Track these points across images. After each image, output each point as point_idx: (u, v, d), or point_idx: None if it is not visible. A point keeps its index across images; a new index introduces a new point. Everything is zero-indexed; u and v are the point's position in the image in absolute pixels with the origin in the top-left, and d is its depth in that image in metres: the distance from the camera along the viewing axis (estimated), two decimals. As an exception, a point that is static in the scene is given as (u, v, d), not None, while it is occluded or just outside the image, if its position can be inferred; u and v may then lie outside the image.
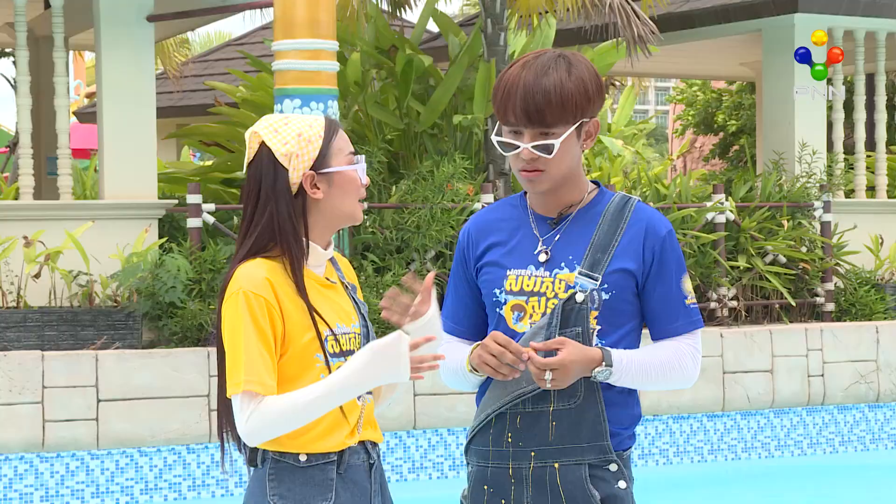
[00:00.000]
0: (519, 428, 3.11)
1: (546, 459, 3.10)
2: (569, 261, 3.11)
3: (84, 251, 8.91)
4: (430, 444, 8.99)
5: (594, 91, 3.08)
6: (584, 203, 3.17)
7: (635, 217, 3.13)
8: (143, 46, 9.70)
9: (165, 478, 8.35)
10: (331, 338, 3.04)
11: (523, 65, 3.08)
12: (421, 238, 9.55)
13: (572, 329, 3.06)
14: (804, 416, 10.10)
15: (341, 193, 3.06)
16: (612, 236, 3.11)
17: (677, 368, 3.13)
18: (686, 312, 3.15)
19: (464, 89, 11.04)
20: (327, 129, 3.06)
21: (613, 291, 3.09)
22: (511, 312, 3.13)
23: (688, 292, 3.16)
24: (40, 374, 8.16)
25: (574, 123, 3.06)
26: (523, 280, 3.13)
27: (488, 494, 3.16)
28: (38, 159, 11.61)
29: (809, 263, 11.04)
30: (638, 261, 3.11)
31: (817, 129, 12.05)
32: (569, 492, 3.08)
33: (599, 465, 3.10)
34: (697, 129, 21.69)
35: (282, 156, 3.01)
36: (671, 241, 3.15)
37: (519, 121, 3.07)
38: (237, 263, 3.03)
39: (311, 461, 3.02)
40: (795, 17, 11.84)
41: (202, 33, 29.27)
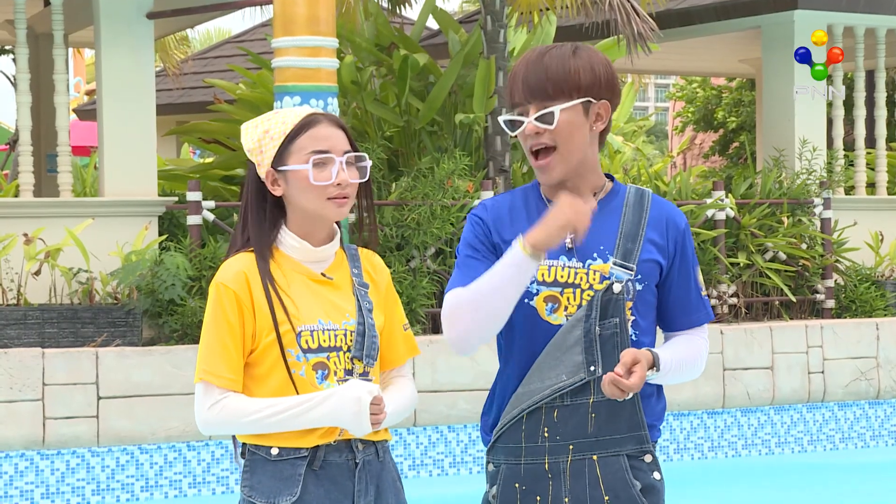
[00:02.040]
0: (556, 422, 3.08)
1: (584, 452, 3.08)
2: (601, 251, 3.09)
3: (84, 248, 8.91)
4: (430, 441, 9.00)
5: (603, 73, 3.06)
6: (604, 193, 3.15)
7: (655, 209, 3.15)
8: (143, 43, 9.70)
9: (166, 475, 8.35)
10: (305, 333, 3.05)
11: (530, 52, 3.12)
12: (421, 235, 9.55)
13: (610, 320, 3.06)
14: (804, 412, 10.10)
15: (298, 191, 3.09)
16: (638, 226, 3.11)
17: (696, 363, 3.19)
18: (703, 305, 3.21)
19: (464, 86, 11.04)
20: (297, 127, 3.09)
21: (646, 282, 3.11)
22: (544, 304, 3.08)
23: (702, 284, 3.21)
24: (41, 371, 8.16)
25: (577, 98, 3.04)
26: (556, 271, 3.08)
27: (521, 493, 3.10)
28: (38, 156, 11.60)
29: (809, 260, 11.05)
30: (664, 253, 3.13)
31: (817, 125, 12.05)
32: (609, 483, 3.06)
33: (636, 457, 3.10)
34: (697, 126, 21.68)
35: (249, 152, 3.12)
36: (688, 234, 3.20)
37: (521, 96, 3.06)
38: (226, 256, 3.14)
39: (283, 455, 3.05)
40: (795, 13, 11.84)
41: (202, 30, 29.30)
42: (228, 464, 8.46)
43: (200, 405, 3.04)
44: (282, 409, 3.01)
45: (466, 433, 9.10)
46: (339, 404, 3.00)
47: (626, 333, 3.06)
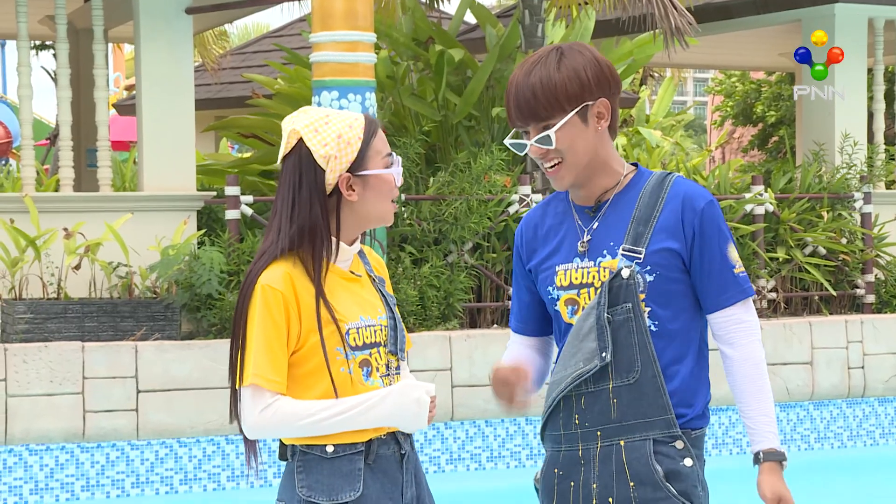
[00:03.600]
0: (584, 409, 3.14)
1: (612, 438, 3.12)
2: (610, 247, 3.13)
3: (123, 243, 8.95)
4: (467, 435, 9.00)
5: (591, 75, 3.11)
6: (621, 186, 3.19)
7: (673, 192, 3.14)
8: (182, 39, 9.73)
9: (204, 468, 8.39)
10: (353, 331, 3.05)
11: (520, 66, 3.17)
12: (458, 230, 9.55)
13: (622, 306, 3.10)
14: (844, 408, 10.04)
15: (375, 195, 3.08)
16: (652, 209, 3.13)
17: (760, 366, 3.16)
18: (735, 282, 3.15)
19: (501, 81, 11.02)
20: (366, 131, 3.08)
21: (658, 272, 3.11)
22: (565, 307, 3.18)
23: (735, 261, 3.15)
24: (80, 364, 8.21)
25: (570, 111, 3.09)
26: (571, 273, 3.16)
27: (558, 477, 3.19)
28: (77, 151, 11.67)
29: (849, 255, 10.97)
30: (679, 238, 3.12)
31: (858, 119, 11.96)
32: (633, 467, 3.09)
33: (664, 441, 3.10)
34: (736, 121, 21.58)
35: (320, 157, 3.03)
36: (711, 212, 3.14)
37: (516, 120, 3.15)
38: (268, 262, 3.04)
39: (339, 452, 3.04)
40: (836, 6, 11.76)
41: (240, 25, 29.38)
42: (267, 457, 8.48)
43: (250, 409, 3.01)
44: (338, 412, 3.00)
45: (504, 427, 9.09)
46: (400, 405, 3.03)
47: (640, 319, 3.09)
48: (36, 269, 9.01)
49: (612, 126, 3.17)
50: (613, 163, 3.18)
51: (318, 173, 3.03)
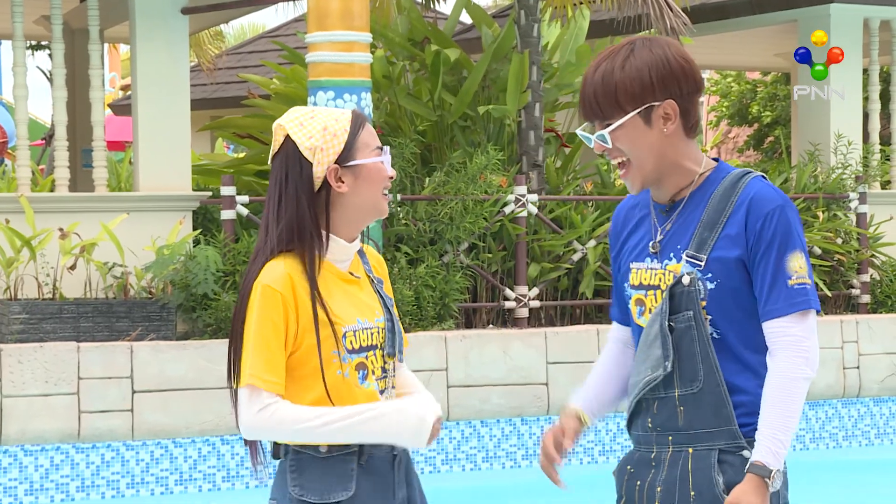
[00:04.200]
0: (656, 413, 3.13)
1: (682, 445, 3.10)
2: (677, 251, 3.09)
3: (119, 243, 8.95)
4: (463, 435, 9.00)
5: (656, 76, 3.03)
6: (695, 186, 3.12)
7: (743, 194, 3.05)
8: (178, 39, 9.73)
9: (200, 469, 8.39)
10: (349, 334, 3.03)
11: (594, 58, 3.13)
12: (454, 230, 9.55)
13: (684, 313, 3.06)
14: (839, 408, 10.05)
15: (367, 186, 3.06)
16: (721, 214, 3.05)
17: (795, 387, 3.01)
18: (787, 294, 3.00)
19: (497, 81, 11.02)
20: (353, 123, 3.07)
21: (719, 280, 3.04)
22: (635, 307, 3.17)
23: (793, 272, 3.00)
24: (76, 365, 8.20)
25: (630, 112, 3.04)
26: (641, 274, 3.15)
27: (629, 474, 3.20)
28: (73, 151, 11.67)
29: (845, 255, 10.98)
30: (741, 245, 3.04)
31: (853, 119, 11.97)
32: (696, 477, 3.07)
33: (731, 451, 3.06)
34: (732, 121, 21.60)
35: (306, 150, 3.03)
36: (777, 217, 3.02)
37: (582, 115, 3.13)
38: (264, 261, 3.03)
39: (332, 452, 3.04)
40: (831, 7, 11.77)
41: (236, 26, 29.38)
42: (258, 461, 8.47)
43: (247, 409, 3.01)
44: (335, 419, 2.98)
45: (499, 428, 9.09)
46: (402, 421, 3.02)
47: (702, 327, 3.04)
48: (31, 270, 9.00)
49: (688, 125, 3.09)
50: (687, 162, 3.11)
51: (304, 167, 3.02)
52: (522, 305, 9.80)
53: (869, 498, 8.79)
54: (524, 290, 9.82)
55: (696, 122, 3.13)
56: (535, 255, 10.09)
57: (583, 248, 10.06)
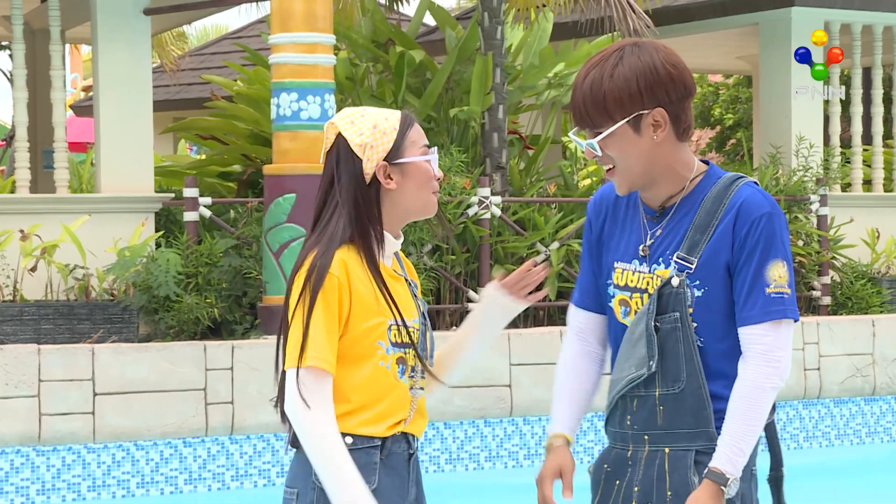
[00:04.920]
0: (635, 411, 3.14)
1: (658, 444, 3.12)
2: (666, 256, 3.10)
3: (80, 245, 8.91)
4: (426, 437, 9.00)
5: (644, 84, 3.02)
6: (687, 192, 3.12)
7: (733, 200, 3.06)
8: (140, 40, 9.69)
9: (162, 471, 8.35)
10: (394, 327, 3.09)
11: (585, 63, 3.12)
12: (417, 231, 9.55)
13: (670, 314, 3.07)
14: (800, 409, 10.11)
15: (415, 184, 3.13)
16: (712, 217, 3.06)
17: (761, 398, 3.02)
18: (764, 301, 3.00)
19: (461, 82, 11.04)
20: (402, 122, 3.15)
21: (707, 287, 3.05)
22: (619, 307, 3.17)
23: (772, 280, 3.00)
24: (37, 367, 8.15)
25: (619, 121, 3.04)
26: (627, 275, 3.15)
27: (606, 473, 3.21)
28: (34, 153, 11.61)
29: (806, 257, 11.05)
30: (728, 251, 3.05)
31: (814, 122, 12.05)
32: (673, 477, 3.09)
33: (707, 453, 3.08)
34: (694, 123, 21.68)
35: (356, 146, 3.10)
36: (763, 224, 3.02)
37: (574, 122, 3.14)
38: (310, 251, 3.07)
39: (357, 444, 3.06)
40: (792, 10, 11.84)
41: (199, 27, 29.29)
42: (224, 460, 8.46)
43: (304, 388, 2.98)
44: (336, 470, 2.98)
45: (462, 430, 9.10)
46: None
47: (688, 330, 3.06)
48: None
49: (678, 130, 3.08)
50: (679, 168, 3.11)
51: (355, 163, 3.09)
52: (485, 307, 9.79)
53: (829, 499, 8.84)
54: (487, 292, 9.81)
55: (689, 126, 3.12)
56: (499, 257, 10.11)
57: (546, 250, 10.08)
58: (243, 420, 8.42)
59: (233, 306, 9.06)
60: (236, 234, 9.33)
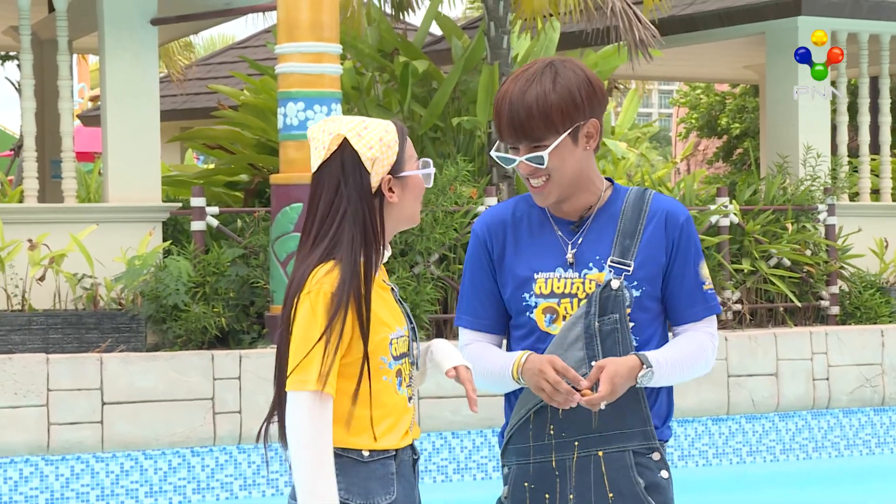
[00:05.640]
0: (561, 419, 3.14)
1: (590, 448, 3.13)
2: (596, 261, 3.16)
3: (88, 254, 8.91)
4: (434, 447, 8.99)
5: (584, 96, 3.12)
6: (602, 202, 3.21)
7: (654, 207, 3.18)
8: (147, 50, 9.71)
9: (170, 481, 8.35)
10: (394, 340, 3.11)
11: (513, 79, 3.16)
12: (424, 241, 9.55)
13: (610, 316, 3.11)
14: (809, 419, 10.09)
15: (411, 197, 3.16)
16: (636, 224, 3.16)
17: (701, 358, 3.19)
18: (703, 298, 3.20)
19: (467, 92, 11.04)
20: (400, 135, 3.16)
21: (644, 288, 3.14)
22: (543, 315, 3.18)
23: (705, 278, 3.21)
24: (45, 376, 8.16)
25: (563, 132, 3.10)
26: (553, 283, 3.17)
27: (530, 491, 3.19)
28: (42, 162, 11.62)
29: (814, 267, 11.03)
30: (661, 253, 3.16)
31: (821, 131, 12.04)
32: (613, 479, 3.11)
33: (643, 453, 3.13)
34: (701, 132, 21.69)
35: (367, 160, 3.09)
36: (689, 228, 3.20)
37: (509, 137, 3.16)
38: (312, 267, 3.05)
39: (374, 457, 3.09)
40: (799, 19, 11.84)
41: (206, 36, 29.30)
42: (233, 469, 8.45)
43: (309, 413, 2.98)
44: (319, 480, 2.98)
45: (470, 439, 9.09)
46: None
47: (626, 330, 3.12)
48: (0, 281, 8.97)
49: (598, 143, 3.20)
50: (595, 179, 3.21)
51: (364, 176, 3.09)
52: (493, 317, 9.79)
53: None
54: (495, 302, 9.81)
55: (600, 140, 3.22)
56: (506, 267, 10.09)
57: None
58: (251, 429, 8.41)
59: (240, 316, 9.05)
60: (243, 243, 9.34)
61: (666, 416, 3.21)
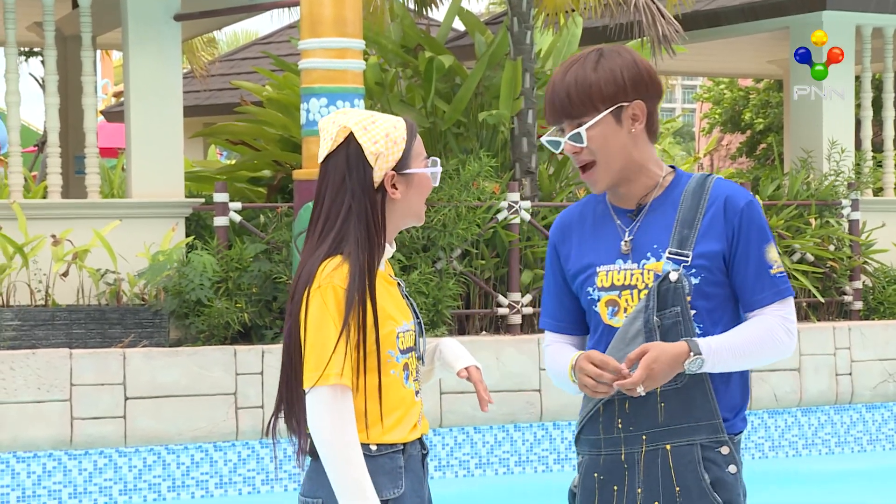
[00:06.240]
0: (628, 413, 3.13)
1: (658, 442, 3.11)
2: (654, 250, 3.13)
3: (111, 249, 8.94)
4: (456, 442, 8.99)
5: (628, 77, 3.12)
6: (661, 189, 3.19)
7: (714, 193, 3.14)
8: (171, 45, 9.73)
9: (192, 475, 8.38)
10: (401, 334, 3.12)
11: (560, 66, 3.18)
12: (447, 236, 9.55)
13: (671, 309, 3.09)
14: (832, 414, 10.06)
15: (416, 194, 3.17)
16: (696, 212, 3.13)
17: (769, 342, 3.11)
18: (772, 283, 3.13)
19: (490, 88, 11.03)
20: (409, 132, 3.17)
21: (703, 275, 3.11)
22: (606, 308, 3.17)
23: (772, 262, 3.13)
24: (68, 371, 8.20)
25: (603, 110, 3.10)
26: (613, 275, 3.16)
27: (599, 482, 3.18)
28: (65, 158, 11.66)
29: (837, 262, 11.00)
30: (722, 240, 3.12)
31: (845, 126, 11.99)
32: (680, 474, 3.09)
33: (711, 447, 3.10)
34: (724, 128, 21.62)
35: (371, 154, 3.11)
36: (751, 212, 3.13)
37: (550, 118, 3.17)
38: (320, 261, 3.07)
39: (381, 451, 3.09)
40: (824, 14, 11.79)
41: (229, 32, 29.38)
42: (255, 464, 8.48)
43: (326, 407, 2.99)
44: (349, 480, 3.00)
45: (492, 434, 9.09)
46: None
47: (689, 322, 3.09)
48: (24, 276, 9.00)
49: (651, 129, 3.17)
50: (651, 165, 3.19)
51: (367, 170, 3.11)
52: (515, 312, 9.80)
53: (863, 503, 8.80)
54: (517, 297, 9.82)
55: (658, 128, 3.21)
56: (528, 262, 10.10)
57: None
58: (273, 424, 8.43)
59: (262, 311, 9.07)
60: (266, 238, 9.35)
61: (739, 407, 3.16)
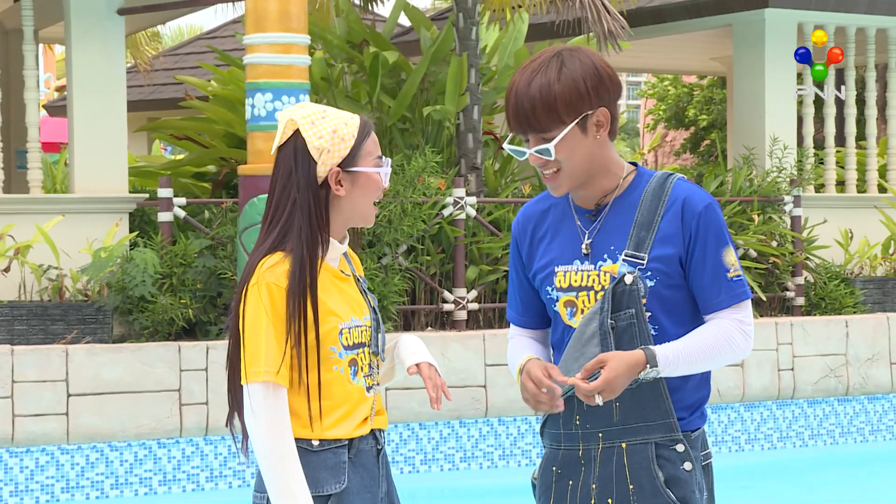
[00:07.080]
0: (585, 410, 3.16)
1: (613, 440, 3.14)
2: (611, 251, 3.14)
3: (54, 245, 8.87)
4: (401, 438, 9.00)
5: (591, 85, 3.10)
6: (621, 189, 3.19)
7: (673, 196, 3.14)
8: (114, 40, 9.66)
9: (136, 472, 8.33)
10: (345, 330, 3.12)
11: (521, 70, 3.15)
12: (392, 232, 9.55)
13: (625, 311, 3.10)
14: (774, 409, 10.15)
15: (361, 193, 3.16)
16: (654, 214, 3.13)
17: (725, 347, 3.11)
18: (728, 286, 3.13)
19: (436, 83, 11.04)
20: (361, 130, 3.16)
21: (658, 278, 3.11)
22: (564, 309, 3.19)
23: (730, 265, 3.14)
24: (10, 368, 8.12)
25: (569, 123, 3.09)
26: (570, 276, 3.18)
27: (556, 476, 3.22)
28: (7, 153, 11.55)
29: (780, 258, 11.09)
30: (678, 243, 3.12)
31: (788, 123, 12.09)
32: (634, 472, 3.12)
33: (666, 445, 3.13)
34: (669, 124, 21.76)
35: (314, 149, 3.11)
36: (709, 215, 3.13)
37: (516, 129, 3.15)
38: (262, 255, 3.10)
39: (324, 445, 3.11)
40: (766, 11, 11.89)
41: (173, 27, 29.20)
42: (199, 461, 8.44)
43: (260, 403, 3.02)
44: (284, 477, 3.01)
45: (437, 430, 9.10)
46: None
47: (644, 324, 3.10)
48: (-36, 272, 8.91)
49: (611, 130, 3.17)
50: (613, 166, 3.19)
51: (310, 165, 3.11)
52: (461, 308, 9.82)
53: (803, 499, 8.88)
54: (462, 293, 9.84)
55: (618, 127, 3.21)
56: (474, 258, 10.11)
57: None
58: (218, 421, 8.40)
59: (207, 307, 9.04)
60: (211, 234, 9.31)
61: (696, 406, 3.18)
